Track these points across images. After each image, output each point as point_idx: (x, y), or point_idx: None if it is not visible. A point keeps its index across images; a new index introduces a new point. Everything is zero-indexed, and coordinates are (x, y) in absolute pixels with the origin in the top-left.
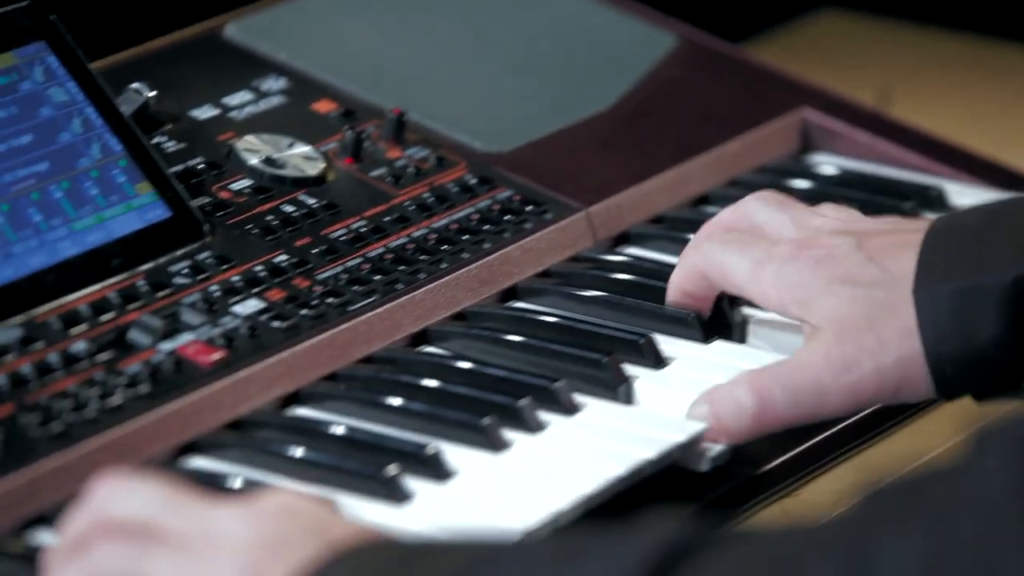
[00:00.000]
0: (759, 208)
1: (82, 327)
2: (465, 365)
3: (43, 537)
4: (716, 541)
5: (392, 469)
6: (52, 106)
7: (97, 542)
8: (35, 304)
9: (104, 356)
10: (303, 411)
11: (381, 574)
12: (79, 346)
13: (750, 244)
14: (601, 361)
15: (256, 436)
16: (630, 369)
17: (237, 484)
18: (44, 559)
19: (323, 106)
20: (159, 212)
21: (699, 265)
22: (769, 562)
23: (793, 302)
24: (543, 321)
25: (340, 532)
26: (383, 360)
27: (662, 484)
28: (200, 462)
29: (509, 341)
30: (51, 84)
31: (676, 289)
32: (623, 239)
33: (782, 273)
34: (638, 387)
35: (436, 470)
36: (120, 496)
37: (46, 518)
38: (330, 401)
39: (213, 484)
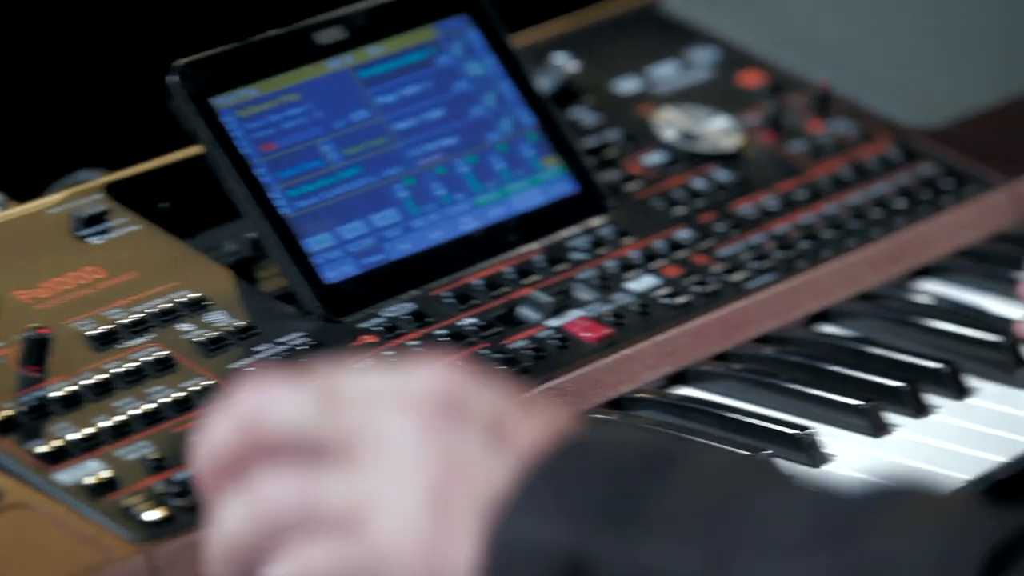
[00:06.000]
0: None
1: (474, 302)
2: (867, 348)
3: None
4: None
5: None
6: (467, 80)
7: (258, 470)
8: (431, 279)
9: (490, 331)
10: (687, 391)
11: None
12: (467, 321)
13: None
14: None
15: (638, 416)
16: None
17: None
18: (198, 477)
19: (749, 78)
20: (564, 187)
21: None
22: None
23: None
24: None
25: (522, 436)
26: (777, 340)
27: None
28: None
29: (915, 324)
30: (469, 58)
31: None
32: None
33: None
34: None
35: (812, 456)
36: (271, 406)
37: None
38: (717, 381)
39: None
